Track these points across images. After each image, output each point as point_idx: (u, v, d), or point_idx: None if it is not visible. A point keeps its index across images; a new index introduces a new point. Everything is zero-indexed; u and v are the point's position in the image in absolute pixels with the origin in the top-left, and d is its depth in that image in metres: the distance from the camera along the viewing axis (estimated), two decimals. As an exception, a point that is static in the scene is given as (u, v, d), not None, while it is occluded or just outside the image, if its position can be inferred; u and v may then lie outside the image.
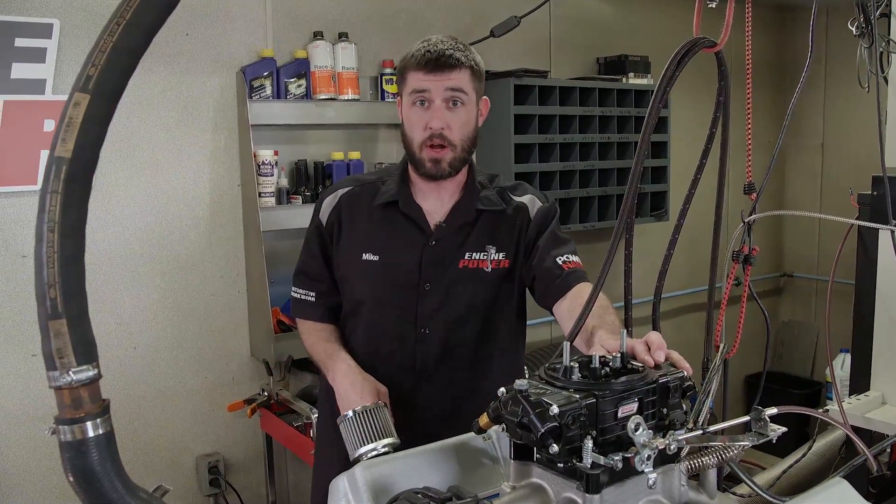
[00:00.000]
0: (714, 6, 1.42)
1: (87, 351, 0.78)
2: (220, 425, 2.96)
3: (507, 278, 1.82)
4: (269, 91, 2.86)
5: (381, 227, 1.82)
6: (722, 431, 1.12)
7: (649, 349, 1.20)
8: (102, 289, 2.69)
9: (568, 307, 1.68)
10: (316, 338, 1.87)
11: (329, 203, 1.87)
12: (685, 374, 1.13)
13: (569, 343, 1.08)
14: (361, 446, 1.25)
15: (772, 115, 4.88)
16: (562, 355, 1.08)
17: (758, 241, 5.53)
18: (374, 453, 1.25)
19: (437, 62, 1.68)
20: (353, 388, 1.65)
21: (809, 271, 5.01)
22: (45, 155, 2.50)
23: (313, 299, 1.89)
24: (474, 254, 1.79)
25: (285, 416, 2.77)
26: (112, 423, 0.82)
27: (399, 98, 1.82)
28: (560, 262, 1.76)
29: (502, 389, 1.05)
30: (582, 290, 1.70)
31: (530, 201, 1.87)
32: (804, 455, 1.86)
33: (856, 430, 1.95)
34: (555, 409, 0.98)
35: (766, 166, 1.80)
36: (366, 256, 1.80)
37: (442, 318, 1.78)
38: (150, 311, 2.80)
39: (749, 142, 1.57)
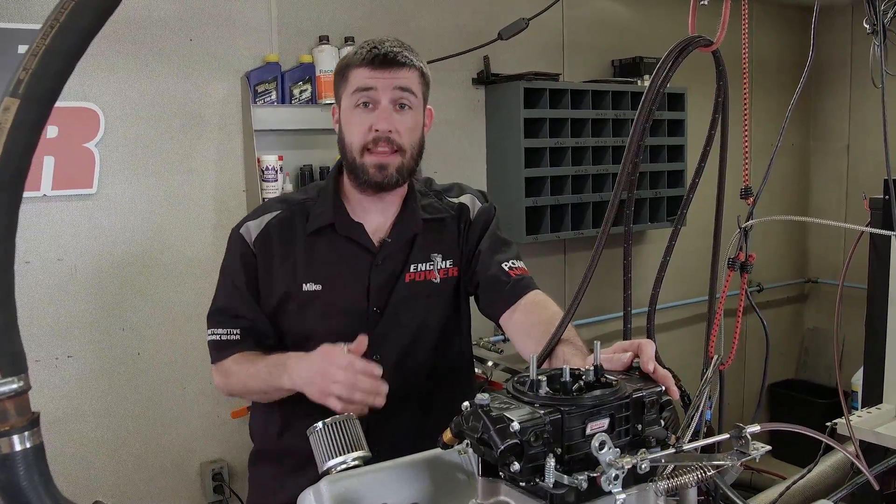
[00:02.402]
0: (707, 3, 1.37)
1: (13, 363, 0.75)
2: (224, 431, 2.95)
3: (456, 286, 1.68)
4: (273, 96, 2.85)
5: (321, 253, 1.62)
6: (719, 448, 1.07)
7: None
8: (108, 295, 2.70)
9: (521, 321, 1.56)
10: (248, 363, 1.59)
11: (255, 228, 1.64)
12: (662, 388, 1.08)
13: (535, 356, 1.03)
14: (330, 459, 1.21)
15: (797, 117, 4.77)
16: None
17: (782, 246, 5.42)
18: (344, 466, 1.20)
19: (384, 58, 1.53)
20: (322, 359, 1.42)
21: (835, 277, 4.88)
22: (46, 161, 2.51)
23: (238, 337, 1.62)
24: (420, 265, 1.64)
25: (288, 423, 2.74)
26: (41, 435, 0.78)
27: (334, 106, 1.65)
28: (506, 269, 1.62)
29: (466, 403, 1.01)
30: (533, 300, 1.59)
31: (470, 201, 1.72)
32: (809, 471, 1.78)
33: (867, 445, 1.88)
34: (515, 426, 0.94)
35: (789, 171, 1.72)
36: (307, 287, 1.61)
37: (394, 341, 1.63)
38: (155, 316, 2.80)
39: (746, 144, 1.51)
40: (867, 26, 2.03)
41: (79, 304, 2.65)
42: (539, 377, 1.02)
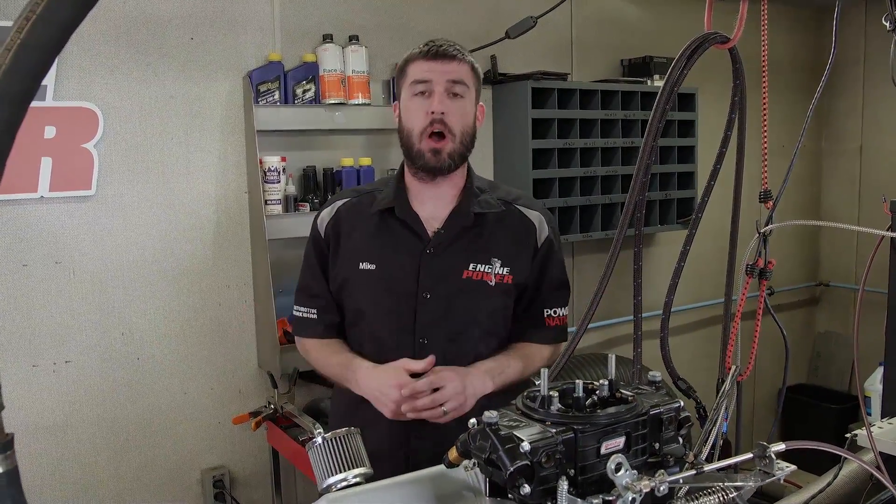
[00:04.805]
0: (725, -1, 1.31)
1: (-17, 382, 0.69)
2: (226, 438, 2.90)
3: (508, 293, 1.79)
4: (276, 96, 2.79)
5: (378, 235, 1.80)
6: (735, 470, 1.01)
7: None
8: (107, 298, 2.65)
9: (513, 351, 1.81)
10: (325, 354, 1.85)
11: (327, 215, 1.86)
12: (681, 404, 1.02)
13: (547, 370, 0.97)
14: (330, 476, 1.16)
15: (811, 119, 4.70)
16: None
17: (793, 249, 5.32)
18: (344, 484, 1.15)
19: (438, 51, 1.72)
20: (380, 383, 1.67)
21: (847, 280, 4.80)
22: (45, 162, 2.46)
23: (315, 316, 1.86)
24: (479, 265, 1.76)
25: (291, 430, 2.68)
26: (16, 459, 0.73)
27: (395, 102, 1.83)
28: (545, 316, 1.83)
29: (473, 420, 0.95)
30: (536, 350, 1.81)
31: (538, 221, 1.84)
32: (829, 484, 1.71)
33: (886, 457, 1.81)
34: (526, 446, 0.88)
35: (801, 173, 1.66)
36: (363, 266, 1.78)
37: (442, 329, 1.75)
38: (155, 320, 2.75)
39: (765, 146, 1.45)
40: (887, 24, 1.96)
41: (77, 308, 2.60)
42: (550, 393, 0.97)
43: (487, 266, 1.76)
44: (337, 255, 1.83)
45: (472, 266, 1.76)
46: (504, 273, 1.77)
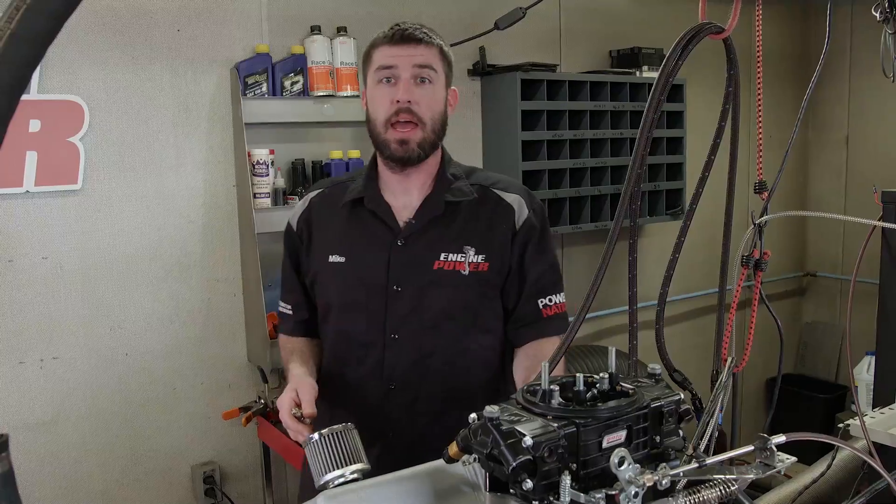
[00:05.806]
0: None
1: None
2: (216, 433, 2.88)
3: (486, 282, 1.69)
4: (264, 88, 2.77)
5: (349, 227, 1.74)
6: (731, 462, 1.01)
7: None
8: (95, 294, 2.63)
9: (524, 364, 1.67)
10: (285, 352, 1.81)
11: (300, 207, 1.82)
12: (681, 396, 1.02)
13: (548, 363, 0.96)
14: (327, 472, 1.15)
15: (795, 108, 4.71)
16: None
17: (780, 239, 5.36)
18: (342, 480, 1.14)
19: (403, 35, 1.63)
20: (283, 397, 1.63)
21: (834, 271, 4.83)
22: (30, 156, 2.43)
23: (290, 312, 1.84)
24: (450, 255, 1.68)
25: (281, 425, 2.66)
26: (10, 460, 0.71)
27: (363, 90, 1.74)
28: (541, 306, 1.72)
29: (473, 415, 0.95)
30: (543, 348, 1.68)
31: (517, 204, 1.73)
32: (822, 474, 1.72)
33: (878, 447, 1.81)
34: (528, 441, 0.87)
35: (787, 164, 1.66)
36: (333, 258, 1.73)
37: (414, 324, 1.68)
38: (144, 315, 2.72)
39: (760, 137, 1.44)
40: (876, 14, 1.96)
41: (65, 304, 2.57)
42: (551, 387, 0.96)
43: (460, 255, 1.67)
44: (310, 248, 1.78)
45: (443, 256, 1.67)
46: (478, 261, 1.67)
